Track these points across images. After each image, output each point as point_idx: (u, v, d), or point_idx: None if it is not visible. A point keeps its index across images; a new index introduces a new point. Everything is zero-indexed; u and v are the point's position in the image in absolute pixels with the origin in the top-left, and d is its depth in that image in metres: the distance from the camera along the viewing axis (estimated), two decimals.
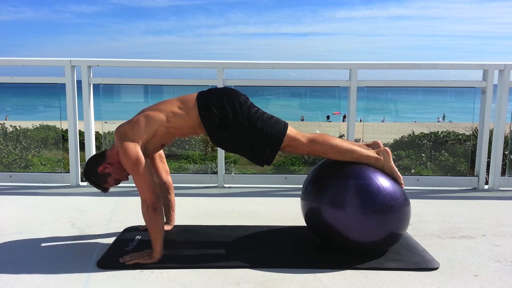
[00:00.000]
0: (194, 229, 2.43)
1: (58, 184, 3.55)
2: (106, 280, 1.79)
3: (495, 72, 3.43)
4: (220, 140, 2.03)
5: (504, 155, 3.65)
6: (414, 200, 3.13)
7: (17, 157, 4.17)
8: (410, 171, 4.20)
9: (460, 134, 4.45)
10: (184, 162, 4.35)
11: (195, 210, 2.82)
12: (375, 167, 2.00)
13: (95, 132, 3.64)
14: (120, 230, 2.40)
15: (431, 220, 2.64)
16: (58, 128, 4.04)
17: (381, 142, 2.09)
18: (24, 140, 4.25)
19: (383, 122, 6.26)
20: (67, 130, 3.54)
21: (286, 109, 4.68)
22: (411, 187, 3.52)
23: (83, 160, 3.63)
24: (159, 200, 1.92)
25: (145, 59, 5.32)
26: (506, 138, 3.58)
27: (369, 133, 4.33)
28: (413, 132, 4.70)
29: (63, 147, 3.95)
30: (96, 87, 3.57)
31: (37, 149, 4.30)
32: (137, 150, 1.90)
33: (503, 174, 3.63)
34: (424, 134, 4.63)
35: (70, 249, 2.14)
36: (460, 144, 4.28)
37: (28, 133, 4.34)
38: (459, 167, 4.06)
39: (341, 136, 4.22)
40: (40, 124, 4.48)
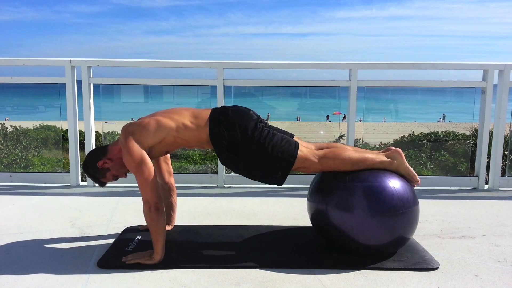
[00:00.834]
0: (194, 229, 2.43)
1: (58, 184, 3.55)
2: (106, 280, 1.79)
3: (495, 72, 3.43)
4: (230, 163, 2.03)
5: (504, 155, 3.65)
6: None
7: (17, 157, 4.17)
8: None
9: (460, 134, 4.45)
10: (184, 162, 4.35)
11: (195, 210, 2.82)
12: (389, 170, 1.99)
13: (95, 132, 3.63)
14: (120, 230, 2.40)
15: (431, 220, 2.64)
16: (58, 128, 4.04)
17: (392, 147, 2.07)
18: (24, 140, 4.25)
19: (383, 122, 6.26)
20: (67, 130, 3.54)
21: (284, 109, 4.69)
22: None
23: (83, 160, 3.63)
24: (161, 201, 1.92)
25: (145, 59, 5.32)
26: (506, 138, 3.58)
27: (369, 133, 4.33)
28: (413, 132, 4.70)
29: (63, 147, 3.95)
30: (96, 87, 3.57)
31: (37, 149, 4.30)
32: (141, 150, 1.91)
33: (503, 174, 3.63)
34: (424, 134, 4.63)
35: (70, 249, 2.14)
36: (460, 144, 4.28)
37: (28, 133, 4.34)
38: (459, 167, 4.06)
39: (341, 136, 4.22)
40: (40, 124, 4.49)
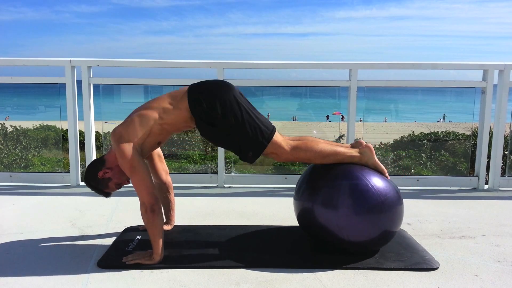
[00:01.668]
0: (194, 229, 2.43)
1: (58, 184, 3.55)
2: (106, 280, 1.79)
3: (495, 72, 3.43)
4: (208, 134, 2.01)
5: (504, 155, 3.65)
6: (414, 200, 3.13)
7: (17, 157, 4.17)
8: (410, 171, 4.20)
9: (460, 134, 4.45)
10: (184, 162, 4.35)
11: (195, 210, 2.82)
12: (360, 165, 2.01)
13: (95, 132, 3.64)
14: (120, 230, 2.41)
15: (431, 220, 2.64)
16: (58, 128, 4.04)
17: (363, 141, 2.10)
18: (24, 140, 4.25)
19: (385, 122, 6.26)
20: (67, 130, 3.54)
21: (284, 109, 4.68)
22: (411, 187, 3.52)
23: (83, 160, 3.63)
24: (157, 201, 1.92)
25: (145, 59, 5.32)
26: (506, 138, 3.58)
27: (369, 133, 4.33)
28: (413, 132, 4.70)
29: (63, 147, 3.96)
30: (96, 87, 3.57)
31: (37, 149, 4.30)
32: (133, 151, 1.90)
33: (503, 174, 3.63)
34: (424, 134, 4.63)
35: (70, 249, 2.14)
36: (460, 144, 4.28)
37: (28, 133, 4.34)
38: (459, 167, 4.06)
39: (341, 136, 4.22)
40: (40, 124, 4.48)
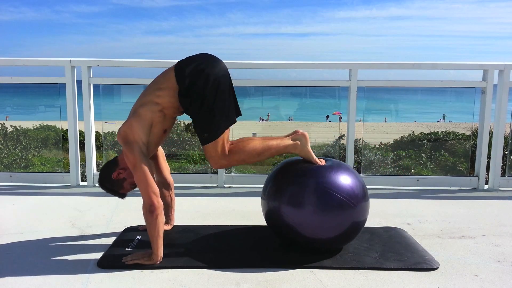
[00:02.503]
0: (194, 229, 2.43)
1: (58, 184, 3.55)
2: (106, 280, 1.79)
3: (495, 72, 3.43)
4: (184, 104, 1.98)
5: (504, 155, 3.65)
6: (414, 200, 3.13)
7: (17, 157, 4.17)
8: (410, 171, 4.20)
9: (460, 134, 4.45)
10: (184, 162, 4.35)
11: (195, 210, 2.82)
12: (295, 153, 2.01)
13: (95, 132, 3.64)
14: (120, 230, 2.41)
15: (431, 220, 2.64)
16: (58, 128, 4.04)
17: (299, 130, 2.07)
18: (24, 140, 4.25)
19: (385, 122, 6.26)
20: (67, 130, 3.54)
21: (283, 109, 4.69)
22: (411, 187, 3.52)
23: (83, 160, 3.63)
24: (158, 202, 1.92)
25: (145, 59, 5.32)
26: (506, 138, 3.58)
27: (369, 132, 4.33)
28: (413, 132, 4.70)
29: (63, 147, 3.95)
30: (96, 87, 3.57)
31: (37, 149, 4.30)
32: (137, 149, 1.90)
33: (503, 174, 3.63)
34: (424, 134, 4.63)
35: (70, 249, 2.14)
36: (460, 144, 4.28)
37: (28, 133, 4.34)
38: (459, 167, 4.06)
39: (341, 136, 4.22)
40: (40, 124, 4.48)
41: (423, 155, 4.34)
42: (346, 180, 1.93)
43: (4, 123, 4.27)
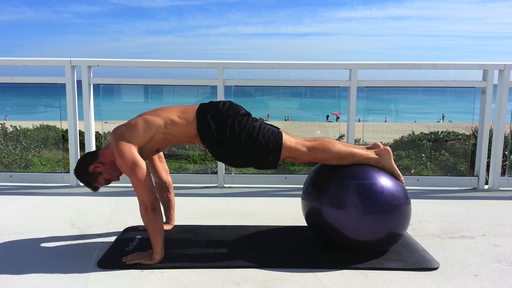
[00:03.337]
0: (194, 229, 2.43)
1: (58, 184, 3.55)
2: (106, 280, 1.79)
3: (495, 72, 3.43)
4: (219, 154, 2.02)
5: (504, 155, 3.65)
6: (414, 200, 3.10)
7: (17, 157, 4.17)
8: (410, 171, 4.20)
9: (460, 134, 4.46)
10: (184, 162, 4.35)
11: (195, 210, 2.82)
12: (376, 167, 2.01)
13: (95, 132, 3.64)
14: (120, 230, 2.40)
15: (431, 220, 2.64)
16: (58, 128, 4.05)
17: (380, 144, 2.10)
18: (24, 140, 4.25)
19: (385, 122, 6.26)
20: (67, 130, 3.54)
21: (283, 109, 4.68)
22: (411, 187, 3.51)
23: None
24: (157, 201, 1.92)
25: (145, 59, 5.32)
26: (506, 138, 3.58)
27: (369, 132, 4.34)
28: (413, 132, 4.71)
29: (63, 147, 3.96)
30: (96, 87, 3.57)
31: (37, 149, 4.30)
32: (133, 151, 1.90)
33: (503, 174, 3.63)
34: (424, 134, 4.63)
35: (70, 249, 2.14)
36: (460, 144, 4.28)
37: (28, 133, 4.34)
38: (459, 167, 4.06)
39: (341, 136, 4.22)
40: (40, 124, 4.49)
41: (423, 155, 4.34)
42: (389, 183, 1.94)
43: (4, 123, 4.27)
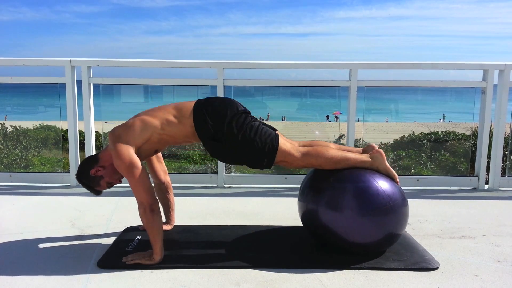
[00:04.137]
0: (194, 229, 2.43)
1: (58, 184, 3.55)
2: (106, 280, 1.79)
3: (495, 72, 3.43)
4: (215, 151, 2.02)
5: (504, 155, 3.65)
6: (414, 200, 3.13)
7: (17, 157, 4.17)
8: (410, 171, 4.20)
9: (460, 134, 4.45)
10: (184, 162, 4.35)
11: (195, 210, 2.82)
12: (371, 169, 2.01)
13: (95, 132, 3.64)
14: (120, 230, 2.40)
15: (431, 220, 2.64)
16: (58, 128, 4.04)
17: (375, 145, 2.10)
18: (24, 140, 4.25)
19: (386, 122, 6.26)
20: (67, 130, 3.54)
21: (283, 109, 4.68)
22: (411, 187, 3.52)
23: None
24: (156, 201, 1.92)
25: (145, 59, 5.32)
26: (506, 138, 3.58)
27: (369, 132, 4.33)
28: (413, 132, 4.70)
29: (63, 147, 3.95)
30: (96, 87, 3.57)
31: (37, 149, 4.30)
32: (130, 152, 1.89)
33: (503, 174, 3.63)
34: (424, 134, 4.63)
35: (70, 249, 2.14)
36: (460, 144, 4.28)
37: (28, 133, 4.34)
38: (459, 167, 4.06)
39: (341, 136, 4.22)
40: (40, 124, 4.48)
41: (423, 155, 4.33)
42: (385, 185, 1.94)
43: (4, 123, 4.27)
